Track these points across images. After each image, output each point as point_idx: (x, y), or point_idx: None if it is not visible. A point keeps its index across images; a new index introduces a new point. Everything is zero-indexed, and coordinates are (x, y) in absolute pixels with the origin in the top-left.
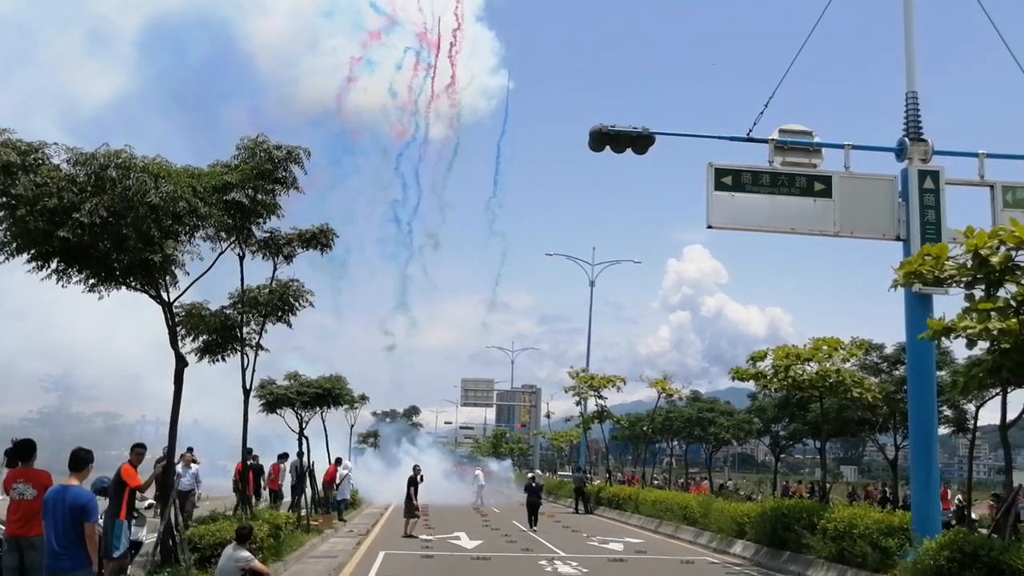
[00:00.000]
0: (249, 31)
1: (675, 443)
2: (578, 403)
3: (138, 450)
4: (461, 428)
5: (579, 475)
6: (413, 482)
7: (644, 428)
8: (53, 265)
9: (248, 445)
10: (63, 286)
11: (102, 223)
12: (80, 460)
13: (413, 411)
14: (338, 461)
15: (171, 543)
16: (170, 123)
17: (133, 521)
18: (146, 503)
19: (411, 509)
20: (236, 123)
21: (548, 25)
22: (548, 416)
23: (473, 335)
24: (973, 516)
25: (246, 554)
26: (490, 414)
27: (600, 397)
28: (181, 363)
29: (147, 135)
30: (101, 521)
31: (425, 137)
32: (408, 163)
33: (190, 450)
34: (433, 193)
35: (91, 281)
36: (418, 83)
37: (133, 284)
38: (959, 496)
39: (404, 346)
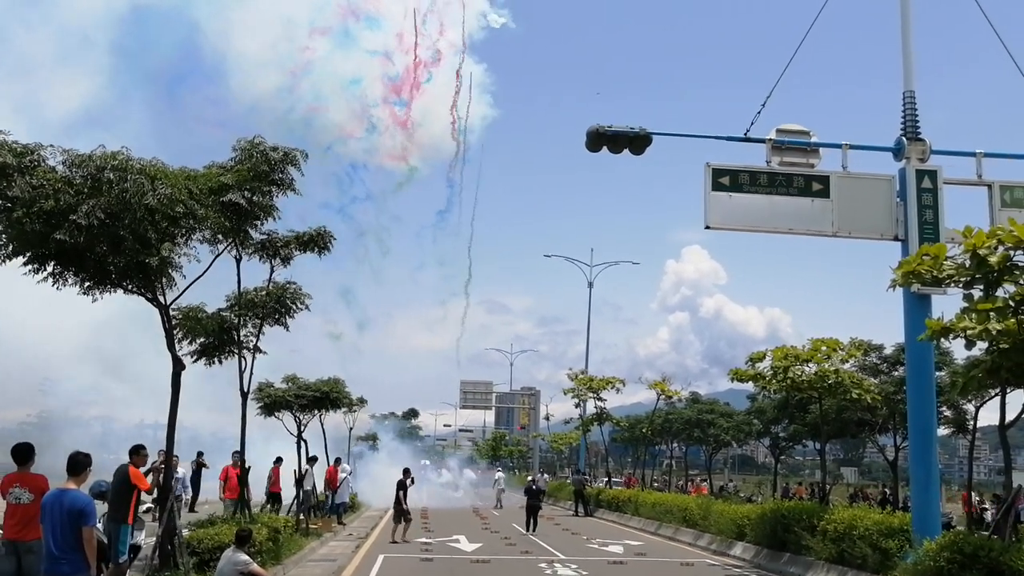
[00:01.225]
0: (222, 29)
1: (675, 445)
2: (577, 405)
3: (142, 452)
4: (460, 431)
5: (578, 477)
6: (403, 486)
7: (643, 430)
8: (49, 268)
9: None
10: (58, 288)
11: (99, 225)
12: (78, 464)
13: (412, 413)
14: (337, 461)
15: (170, 547)
16: (138, 117)
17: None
18: (144, 507)
19: (400, 514)
20: (203, 116)
21: (545, 29)
22: (547, 418)
23: (473, 337)
24: (987, 519)
25: (245, 557)
26: (489, 416)
27: (599, 399)
28: (178, 366)
29: (114, 131)
30: (100, 525)
31: (375, 149)
32: (348, 159)
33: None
34: (382, 209)
35: (87, 284)
36: (376, 98)
37: (129, 287)
38: (976, 498)
39: (356, 340)
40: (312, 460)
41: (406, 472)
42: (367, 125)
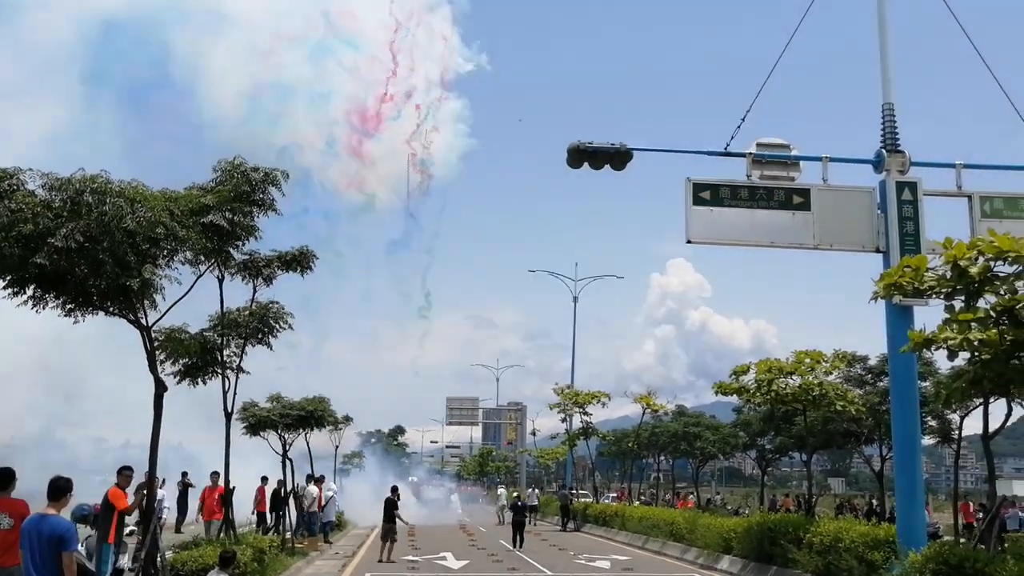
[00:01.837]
0: (193, 40)
1: (662, 458)
2: (563, 420)
3: (126, 472)
4: (447, 447)
5: (563, 492)
6: (393, 504)
7: (630, 444)
8: (30, 291)
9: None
10: (38, 311)
11: (78, 248)
12: (58, 489)
13: (398, 431)
14: (320, 479)
15: (153, 570)
16: (107, 133)
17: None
18: (127, 530)
19: (388, 532)
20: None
21: (523, 47)
22: (534, 433)
23: (460, 353)
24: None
25: None
26: (476, 432)
27: (585, 413)
28: (160, 388)
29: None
30: (82, 549)
31: (334, 170)
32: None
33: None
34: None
35: (68, 306)
36: (340, 118)
37: (111, 309)
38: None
39: (343, 358)
40: (310, 478)
41: (394, 490)
42: (328, 138)
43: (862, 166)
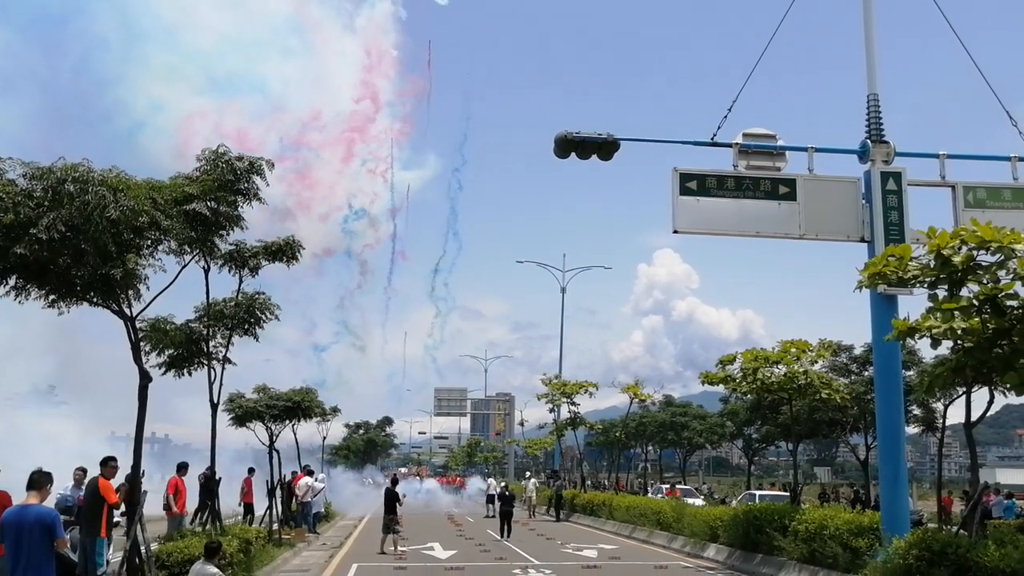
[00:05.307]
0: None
1: (649, 448)
2: (551, 410)
3: (111, 463)
4: (436, 438)
5: (557, 483)
6: (396, 496)
7: (618, 434)
8: (11, 282)
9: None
10: (21, 303)
11: (60, 238)
12: (38, 479)
13: (387, 422)
14: (306, 469)
15: (137, 561)
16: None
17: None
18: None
19: (388, 524)
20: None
21: (511, 31)
22: (522, 424)
23: (448, 344)
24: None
25: (214, 570)
26: (464, 423)
27: (573, 403)
28: (145, 379)
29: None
30: (67, 536)
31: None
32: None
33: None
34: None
35: (51, 297)
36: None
37: (94, 299)
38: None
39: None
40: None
41: (395, 480)
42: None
43: (847, 156)
